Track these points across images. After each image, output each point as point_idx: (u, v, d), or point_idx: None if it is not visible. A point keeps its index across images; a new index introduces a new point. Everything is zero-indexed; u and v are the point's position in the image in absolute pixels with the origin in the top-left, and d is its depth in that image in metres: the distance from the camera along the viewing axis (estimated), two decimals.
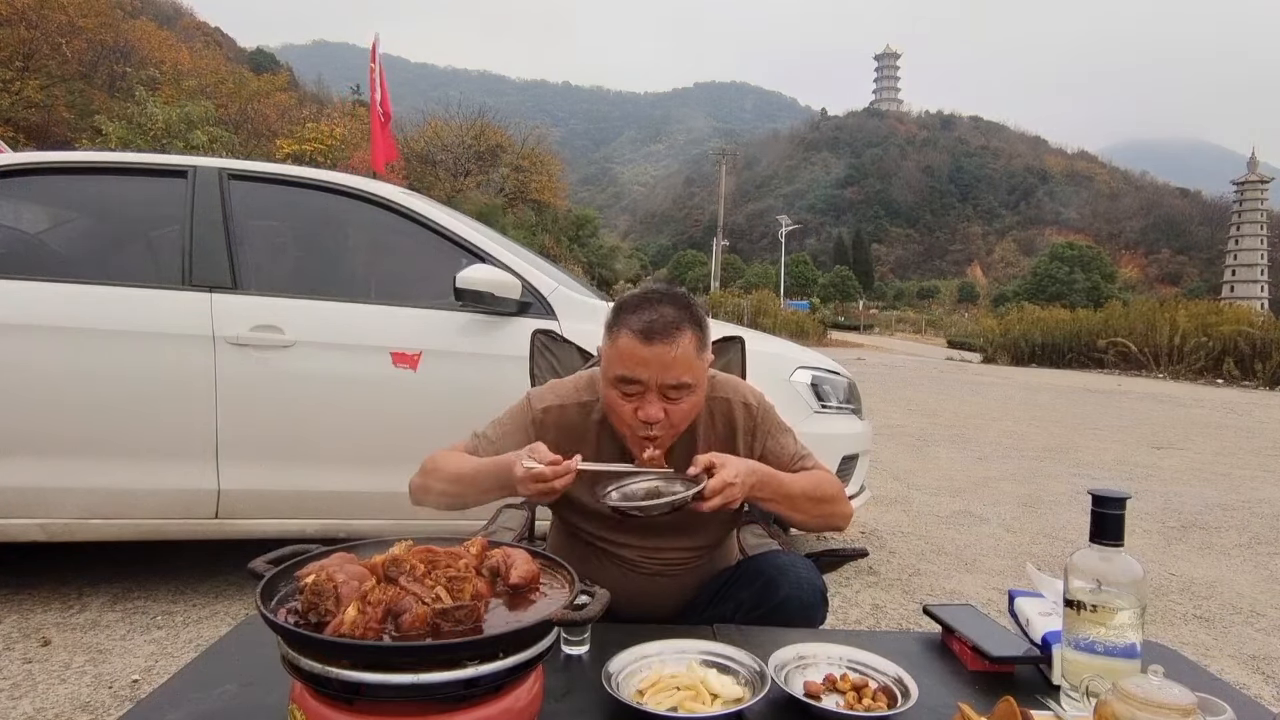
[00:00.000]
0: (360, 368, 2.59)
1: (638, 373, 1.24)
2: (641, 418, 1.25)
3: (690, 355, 1.25)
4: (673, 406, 1.26)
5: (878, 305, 79.11)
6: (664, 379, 1.24)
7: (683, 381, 1.25)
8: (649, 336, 1.23)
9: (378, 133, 7.41)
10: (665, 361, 1.23)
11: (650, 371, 1.24)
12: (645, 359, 1.23)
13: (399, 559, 0.81)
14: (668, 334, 1.23)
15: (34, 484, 2.43)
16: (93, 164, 2.89)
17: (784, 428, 1.46)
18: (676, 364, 1.24)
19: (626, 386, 1.26)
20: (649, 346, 1.23)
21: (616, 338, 1.27)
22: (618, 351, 1.26)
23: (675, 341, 1.23)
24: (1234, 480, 5.44)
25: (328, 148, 28.21)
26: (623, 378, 1.25)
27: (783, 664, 0.99)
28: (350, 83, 58.99)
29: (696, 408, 1.32)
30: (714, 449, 1.37)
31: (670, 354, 1.23)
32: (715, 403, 1.41)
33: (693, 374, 1.26)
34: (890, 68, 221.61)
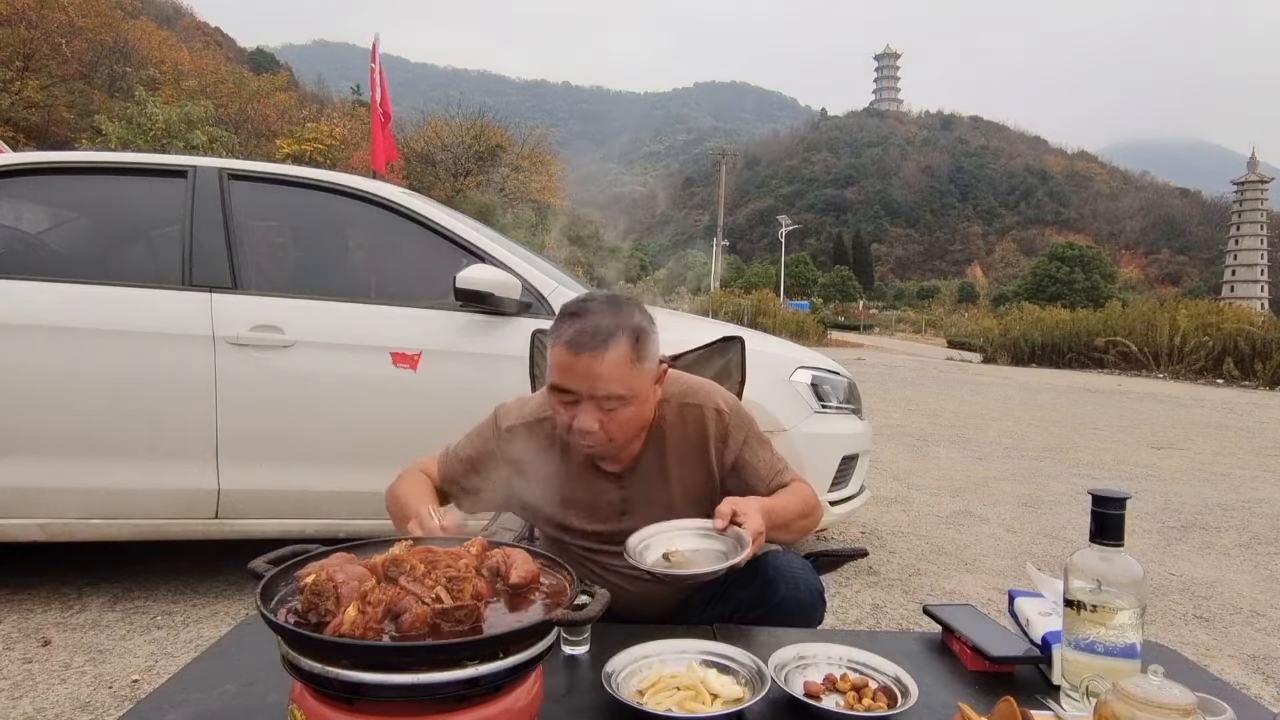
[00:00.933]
0: (360, 368, 2.59)
1: (569, 383, 1.22)
2: (575, 427, 1.23)
3: (622, 366, 1.21)
4: (607, 418, 1.23)
5: (878, 305, 79.11)
6: (594, 390, 1.21)
7: (613, 393, 1.21)
8: (577, 347, 1.20)
9: (378, 133, 7.42)
10: (594, 373, 1.20)
11: (580, 382, 1.21)
12: (575, 370, 1.21)
13: (399, 559, 0.81)
14: (596, 345, 1.20)
15: (34, 484, 2.43)
16: (93, 164, 2.89)
17: (762, 439, 1.42)
18: (605, 375, 1.20)
19: (562, 396, 1.24)
20: (577, 357, 1.20)
21: (553, 346, 1.24)
22: (553, 360, 1.24)
23: (603, 353, 1.20)
24: (1234, 480, 5.43)
25: (328, 148, 28.24)
26: (556, 386, 1.24)
27: (783, 664, 0.99)
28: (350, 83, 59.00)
29: (637, 419, 1.28)
30: (684, 456, 1.38)
31: (598, 366, 1.20)
32: (686, 409, 1.38)
33: (625, 385, 1.22)
34: (890, 68, 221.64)
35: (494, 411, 1.45)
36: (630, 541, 1.16)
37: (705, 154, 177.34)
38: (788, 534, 1.34)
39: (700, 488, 1.38)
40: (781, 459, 1.44)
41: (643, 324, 1.26)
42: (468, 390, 2.63)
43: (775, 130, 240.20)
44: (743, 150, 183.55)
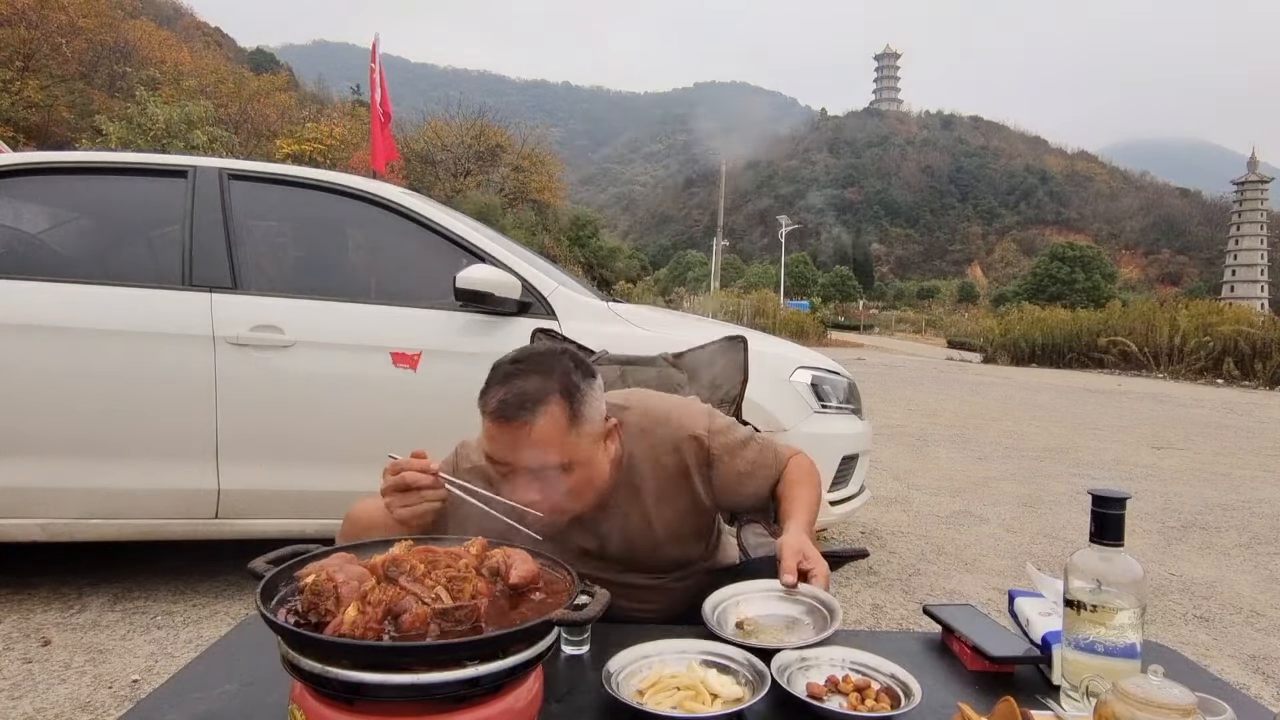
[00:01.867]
0: (360, 368, 2.59)
1: (497, 455, 1.12)
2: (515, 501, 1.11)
3: (555, 434, 1.10)
4: (550, 489, 1.12)
5: (878, 305, 79.14)
6: (525, 462, 1.10)
7: (547, 464, 1.11)
8: (503, 418, 1.09)
9: (378, 133, 7.42)
10: (522, 445, 1.09)
11: (511, 455, 1.11)
12: (503, 441, 1.11)
13: (399, 559, 0.81)
14: (524, 414, 1.09)
15: (34, 484, 2.43)
16: (93, 164, 2.89)
17: (743, 441, 1.36)
18: (536, 445, 1.10)
19: (497, 468, 1.14)
20: (504, 428, 1.10)
21: (482, 413, 1.13)
22: (483, 429, 1.13)
23: (529, 421, 1.09)
24: (1234, 480, 5.44)
25: (328, 148, 28.25)
26: (488, 457, 1.14)
27: (785, 665, 0.99)
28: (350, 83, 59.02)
29: (587, 485, 1.17)
30: (663, 493, 1.30)
31: (527, 437, 1.09)
32: (658, 442, 1.29)
33: (562, 453, 1.11)
34: (890, 68, 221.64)
35: (455, 449, 1.36)
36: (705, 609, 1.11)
37: (705, 154, 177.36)
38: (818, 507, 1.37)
39: (686, 520, 1.33)
40: (770, 446, 1.40)
41: (577, 382, 1.14)
42: (468, 390, 2.60)
43: (775, 130, 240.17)
44: (743, 150, 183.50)
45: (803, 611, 1.14)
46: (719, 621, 1.10)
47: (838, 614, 1.08)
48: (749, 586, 1.18)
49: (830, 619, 1.08)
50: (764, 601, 1.15)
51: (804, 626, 1.10)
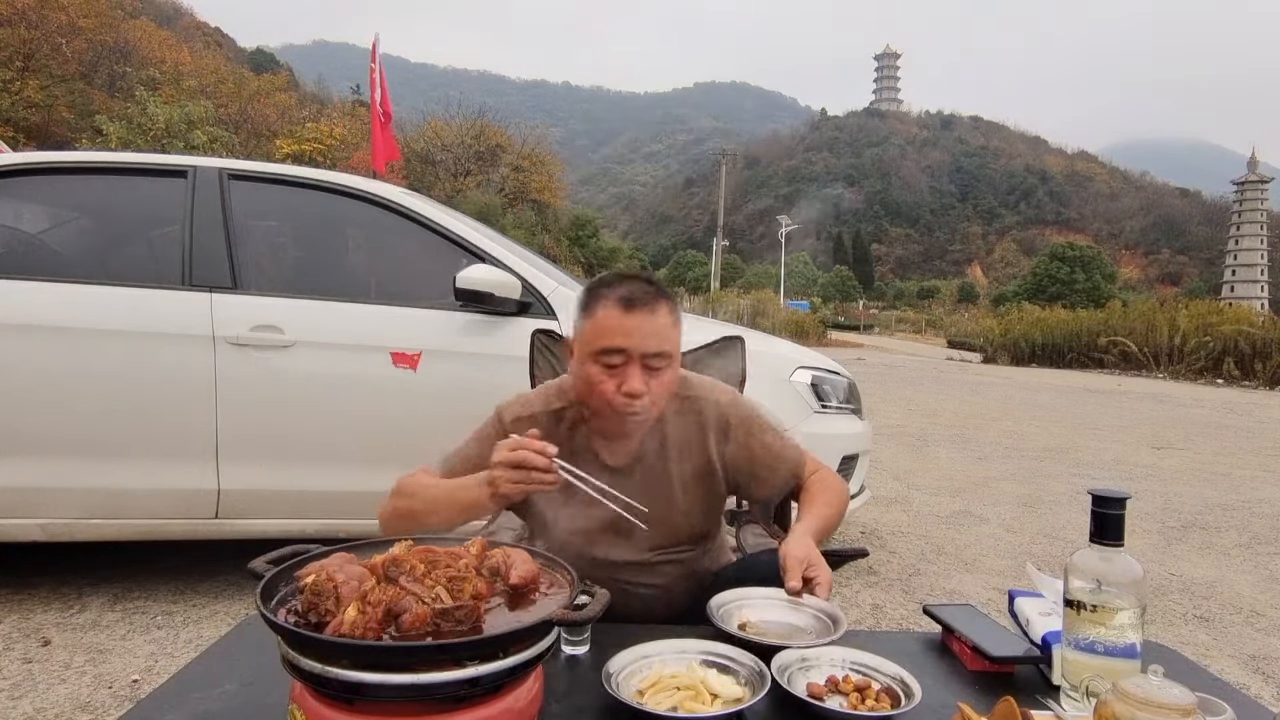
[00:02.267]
0: (360, 368, 2.59)
1: (620, 342, 1.23)
2: (625, 391, 1.23)
3: (668, 326, 1.26)
4: (654, 379, 1.25)
5: (878, 305, 79.12)
6: (646, 347, 1.23)
7: (663, 350, 1.25)
8: (630, 305, 1.23)
9: (378, 133, 7.41)
10: (646, 330, 1.23)
11: (632, 340, 1.23)
12: (627, 328, 1.23)
13: (399, 559, 0.81)
14: (647, 303, 1.24)
15: (34, 484, 2.43)
16: (93, 164, 2.89)
17: (768, 426, 1.43)
18: (657, 333, 1.24)
19: (609, 358, 1.24)
20: (630, 315, 1.23)
21: (594, 312, 1.25)
22: (597, 325, 1.25)
23: (655, 310, 1.25)
24: (1234, 480, 5.44)
25: (328, 148, 28.25)
26: (605, 349, 1.23)
27: (785, 666, 0.99)
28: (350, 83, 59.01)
29: (674, 381, 1.31)
30: (683, 450, 1.37)
31: (652, 322, 1.24)
32: (685, 403, 1.39)
33: (671, 344, 1.27)
34: (890, 68, 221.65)
35: (495, 410, 1.43)
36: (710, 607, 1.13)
37: (705, 154, 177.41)
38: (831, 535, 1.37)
39: (701, 481, 1.38)
40: (792, 443, 1.45)
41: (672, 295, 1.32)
42: (468, 390, 2.63)
43: (775, 130, 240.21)
44: (743, 150, 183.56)
45: (806, 620, 1.14)
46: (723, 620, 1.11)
47: (842, 625, 1.08)
48: (754, 592, 1.19)
49: (834, 629, 1.08)
50: (767, 607, 1.15)
51: (806, 635, 1.11)
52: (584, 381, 1.28)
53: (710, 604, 1.14)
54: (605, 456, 1.35)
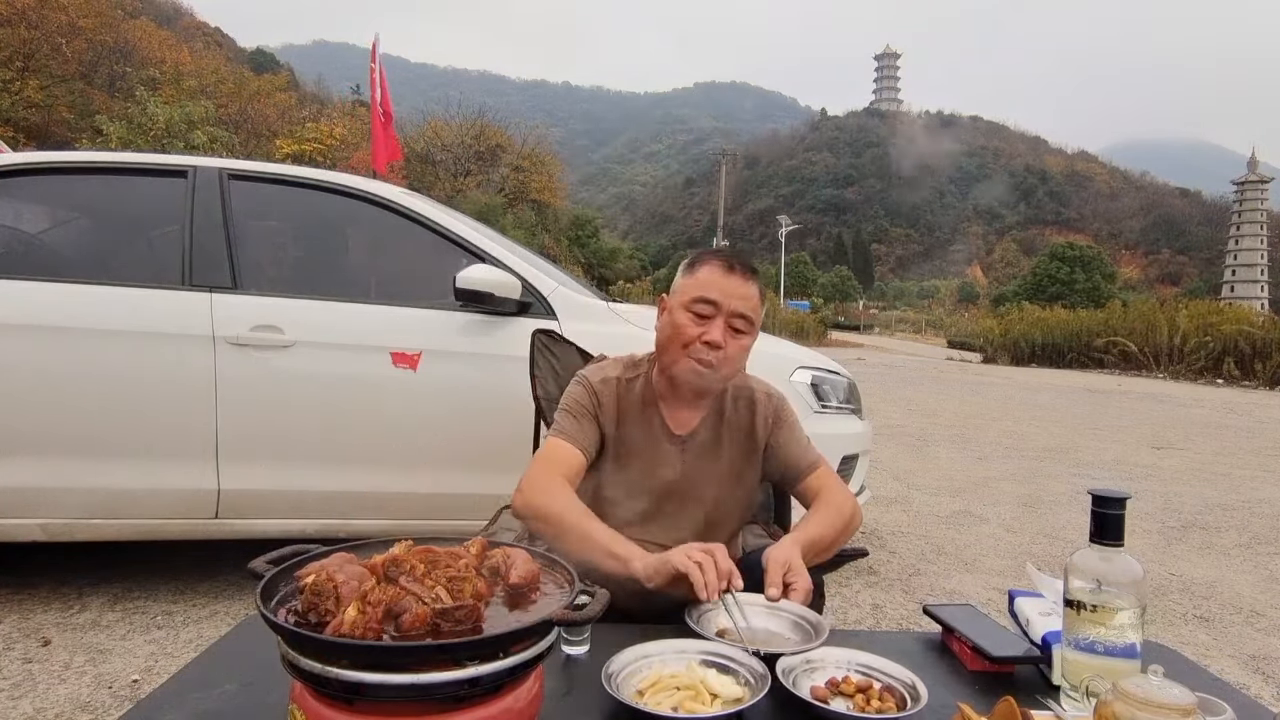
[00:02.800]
0: (360, 368, 2.59)
1: (714, 295, 1.37)
2: (706, 339, 1.36)
3: (757, 299, 1.41)
4: (733, 340, 1.38)
5: (878, 305, 79.11)
6: (736, 306, 1.37)
7: (749, 314, 1.39)
8: (731, 267, 1.39)
9: (379, 132, 7.41)
10: (740, 292, 1.38)
11: (726, 296, 1.37)
12: (724, 285, 1.38)
13: (399, 559, 0.81)
14: (745, 271, 1.40)
15: (34, 484, 2.43)
16: (93, 164, 2.88)
17: (797, 426, 1.53)
18: (749, 297, 1.39)
19: (701, 307, 1.37)
20: (729, 276, 1.38)
21: (696, 270, 1.41)
22: (697, 280, 1.40)
23: (750, 279, 1.40)
24: (1234, 480, 5.44)
25: (328, 148, 28.24)
26: (699, 299, 1.38)
27: (790, 668, 0.99)
28: (350, 83, 59.03)
29: (746, 353, 1.43)
30: (735, 432, 1.49)
31: (745, 288, 1.39)
32: (740, 390, 1.51)
33: (756, 315, 1.41)
34: (890, 68, 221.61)
35: (578, 377, 1.52)
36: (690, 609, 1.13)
37: (705, 154, 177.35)
38: (828, 554, 1.38)
39: (747, 461, 1.50)
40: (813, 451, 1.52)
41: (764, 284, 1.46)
42: (468, 390, 2.63)
43: (775, 130, 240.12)
44: (743, 150, 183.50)
45: (786, 626, 1.14)
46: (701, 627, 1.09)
47: (823, 631, 1.08)
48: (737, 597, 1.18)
49: (815, 635, 1.08)
50: (749, 612, 1.14)
51: (785, 641, 1.10)
52: (670, 328, 1.41)
53: (690, 608, 1.14)
54: (670, 424, 1.46)
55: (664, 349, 1.43)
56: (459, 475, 2.59)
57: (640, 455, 1.45)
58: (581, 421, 1.45)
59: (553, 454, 1.41)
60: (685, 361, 1.38)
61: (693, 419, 1.47)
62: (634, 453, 1.45)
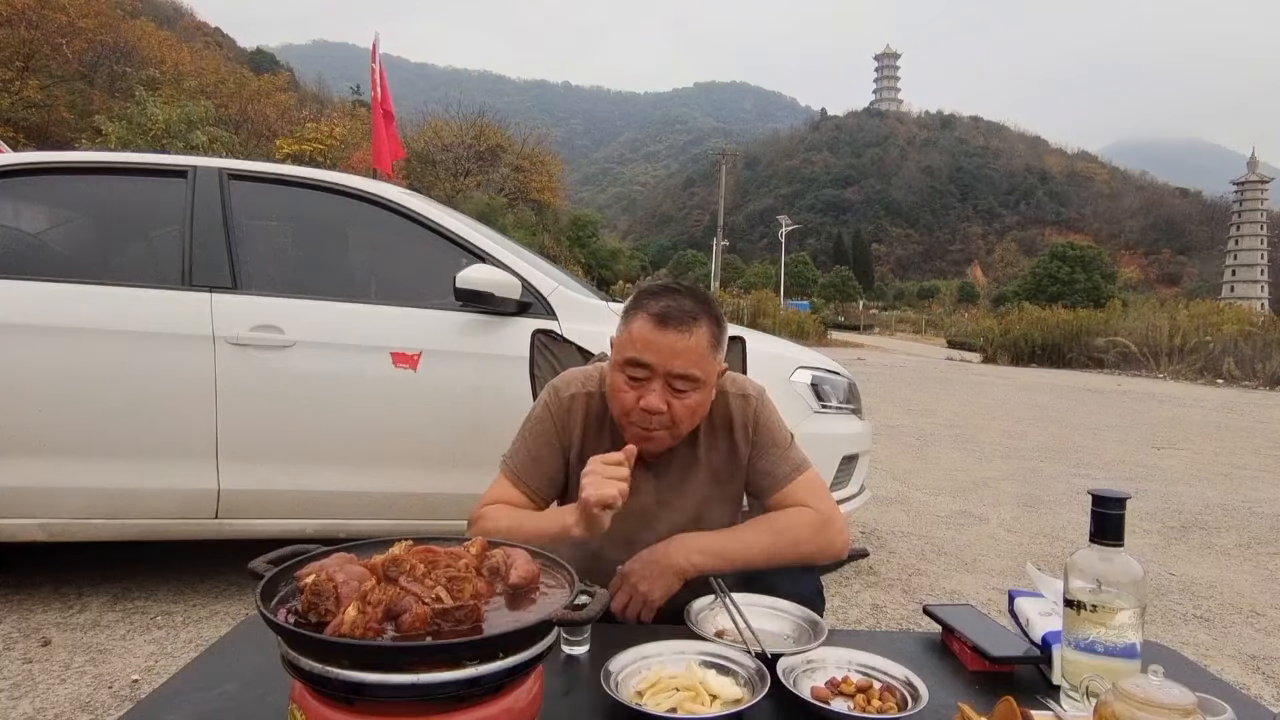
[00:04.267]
0: (360, 368, 2.59)
1: (646, 357, 1.23)
2: (642, 406, 1.23)
3: (703, 349, 1.24)
4: (676, 400, 1.24)
5: (878, 305, 79.10)
6: (671, 367, 1.22)
7: (690, 374, 1.23)
8: (664, 321, 1.22)
9: (381, 132, 7.40)
10: (676, 349, 1.22)
11: (659, 357, 1.22)
12: (656, 344, 1.22)
13: (399, 559, 0.81)
14: (683, 322, 1.23)
15: (34, 484, 2.43)
16: (93, 164, 2.88)
17: (777, 440, 1.41)
18: (687, 354, 1.22)
19: (633, 370, 1.24)
20: (662, 332, 1.22)
21: (631, 322, 1.26)
22: (630, 335, 1.26)
23: (690, 331, 1.23)
24: (1234, 480, 5.44)
25: (328, 148, 28.23)
26: (631, 360, 1.24)
27: (791, 668, 0.99)
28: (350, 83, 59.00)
29: (700, 408, 1.29)
30: (712, 442, 1.39)
31: (682, 342, 1.22)
32: (715, 402, 1.38)
33: (702, 369, 1.24)
34: (890, 68, 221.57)
35: (548, 388, 1.44)
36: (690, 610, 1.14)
37: (705, 154, 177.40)
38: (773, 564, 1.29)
39: (728, 469, 1.40)
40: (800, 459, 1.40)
41: (719, 317, 1.29)
42: (468, 390, 2.63)
43: (775, 130, 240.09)
44: (743, 150, 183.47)
45: (786, 626, 1.14)
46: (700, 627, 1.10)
47: (823, 631, 1.08)
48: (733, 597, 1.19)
49: (815, 635, 1.08)
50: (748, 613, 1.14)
51: (785, 641, 1.10)
52: (611, 389, 1.30)
53: (689, 608, 1.14)
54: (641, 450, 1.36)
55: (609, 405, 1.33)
56: (459, 475, 2.59)
57: None
58: (539, 454, 1.37)
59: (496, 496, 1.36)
60: (629, 427, 1.28)
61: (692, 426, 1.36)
62: None
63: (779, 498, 1.36)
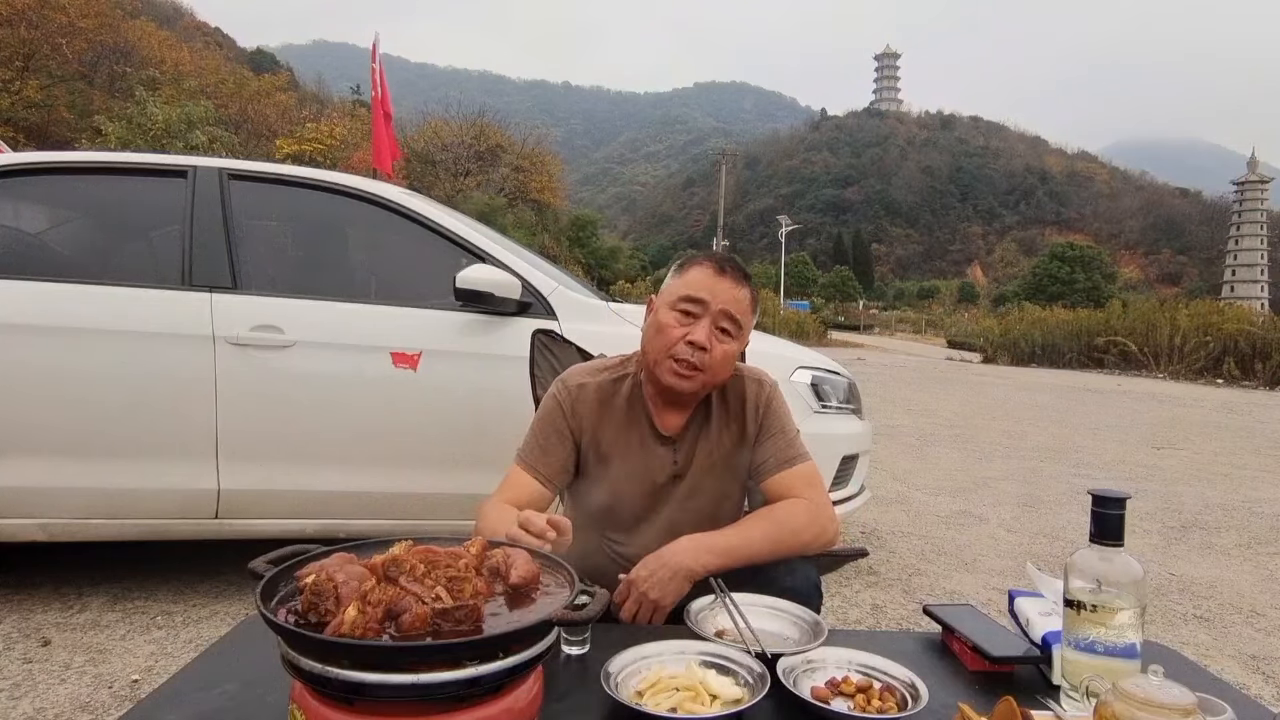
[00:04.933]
0: (360, 368, 2.59)
1: (703, 294, 1.34)
2: (689, 339, 1.32)
3: (747, 304, 1.38)
4: (718, 342, 1.34)
5: (878, 305, 79.10)
6: (724, 306, 1.34)
7: (735, 318, 1.35)
8: (723, 269, 1.36)
9: (381, 132, 7.40)
10: (730, 294, 1.35)
11: (715, 297, 1.34)
12: (714, 287, 1.35)
13: (399, 559, 0.81)
14: (737, 274, 1.37)
15: (34, 484, 2.43)
16: (93, 164, 2.88)
17: (785, 418, 1.47)
18: (737, 301, 1.35)
19: (688, 306, 1.35)
20: (720, 278, 1.35)
21: (687, 271, 1.38)
22: (686, 279, 1.37)
23: (741, 282, 1.37)
24: (1234, 480, 5.44)
25: (328, 148, 28.24)
26: (687, 297, 1.35)
27: (791, 668, 0.99)
28: (350, 83, 59.01)
29: (730, 361, 1.38)
30: (726, 420, 1.45)
31: (736, 291, 1.36)
32: (731, 380, 1.46)
33: (745, 319, 1.37)
34: (890, 68, 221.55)
35: (557, 380, 1.49)
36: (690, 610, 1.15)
37: (705, 154, 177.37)
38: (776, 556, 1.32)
39: (741, 454, 1.45)
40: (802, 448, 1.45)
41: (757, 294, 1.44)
42: (468, 390, 2.63)
43: (775, 130, 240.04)
44: (743, 150, 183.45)
45: (786, 626, 1.14)
46: (700, 627, 1.10)
47: (823, 631, 1.08)
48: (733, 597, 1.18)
49: (815, 635, 1.08)
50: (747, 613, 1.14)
51: (785, 641, 1.10)
52: (654, 328, 1.37)
53: (689, 608, 1.14)
54: (658, 424, 1.42)
55: (647, 348, 1.39)
56: (459, 475, 2.58)
57: (628, 459, 1.41)
58: (548, 444, 1.41)
59: (509, 484, 1.39)
60: (666, 363, 1.35)
61: (683, 418, 1.43)
62: (621, 457, 1.41)
63: (776, 480, 1.40)
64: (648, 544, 1.37)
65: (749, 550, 1.29)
